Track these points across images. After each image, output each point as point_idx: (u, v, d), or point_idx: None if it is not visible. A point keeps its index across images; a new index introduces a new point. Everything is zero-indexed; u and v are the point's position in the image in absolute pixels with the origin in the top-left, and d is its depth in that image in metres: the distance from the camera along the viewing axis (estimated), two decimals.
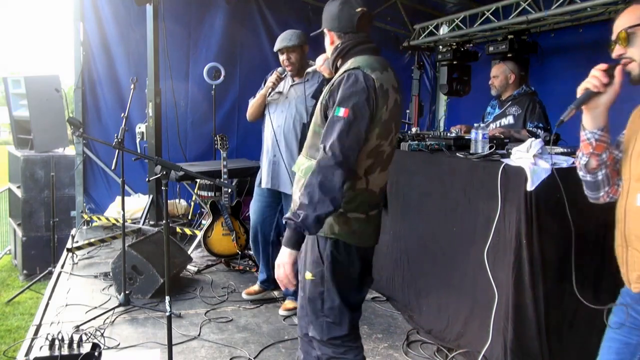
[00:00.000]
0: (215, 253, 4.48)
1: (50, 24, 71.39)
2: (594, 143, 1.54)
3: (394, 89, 1.90)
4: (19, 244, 6.03)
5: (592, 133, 1.54)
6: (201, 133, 6.07)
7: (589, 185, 1.64)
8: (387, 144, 1.92)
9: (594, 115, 1.53)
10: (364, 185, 1.89)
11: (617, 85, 1.49)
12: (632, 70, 1.48)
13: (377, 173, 1.91)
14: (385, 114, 1.86)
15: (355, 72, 1.83)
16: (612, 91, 1.49)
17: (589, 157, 1.57)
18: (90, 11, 5.76)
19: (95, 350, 2.45)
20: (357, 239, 1.93)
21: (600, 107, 1.52)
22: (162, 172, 2.36)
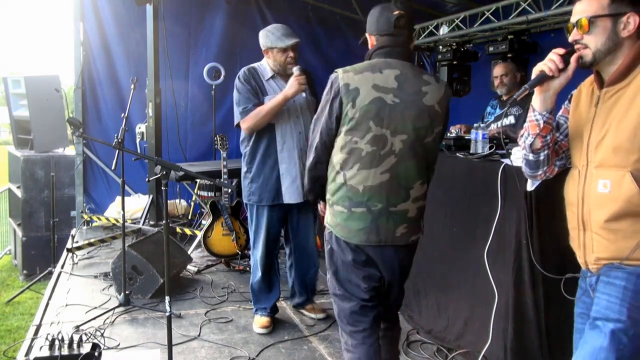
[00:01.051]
0: (215, 253, 4.48)
1: (50, 24, 71.45)
2: (541, 124, 1.62)
3: (376, 89, 1.93)
4: (19, 244, 6.03)
5: (541, 115, 1.62)
6: (201, 133, 6.08)
7: (530, 164, 1.72)
8: (365, 143, 1.95)
9: (544, 98, 1.60)
10: (342, 180, 2.01)
11: (570, 71, 1.56)
12: (585, 56, 1.55)
13: (356, 170, 1.97)
14: (352, 112, 1.94)
15: (332, 75, 2.00)
16: (565, 77, 1.56)
17: (535, 137, 1.64)
18: (90, 11, 5.76)
19: (95, 351, 2.45)
20: (341, 231, 2.04)
21: (551, 91, 1.59)
22: (162, 172, 2.36)
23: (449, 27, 5.67)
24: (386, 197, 1.99)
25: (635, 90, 1.46)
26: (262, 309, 3.29)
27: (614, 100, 1.51)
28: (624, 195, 1.46)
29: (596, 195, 1.53)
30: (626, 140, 1.46)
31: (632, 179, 1.45)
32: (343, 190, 2.01)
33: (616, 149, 1.48)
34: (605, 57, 1.52)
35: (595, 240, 1.55)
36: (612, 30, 1.50)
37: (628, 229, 1.48)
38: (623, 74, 1.50)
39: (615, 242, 1.50)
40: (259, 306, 3.30)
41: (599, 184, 1.52)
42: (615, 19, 1.49)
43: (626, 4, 1.49)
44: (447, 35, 5.71)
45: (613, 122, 1.49)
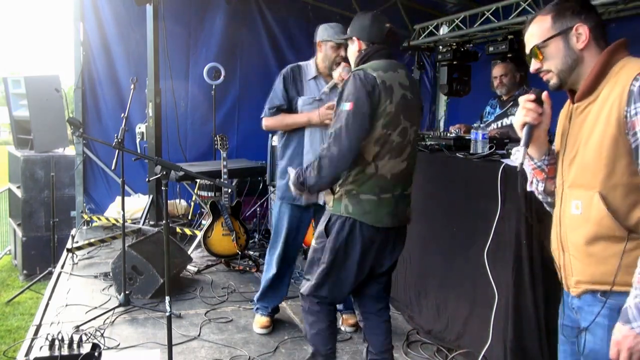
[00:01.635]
0: (215, 253, 4.48)
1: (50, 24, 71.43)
2: (545, 169, 1.59)
3: (401, 86, 2.18)
4: (19, 244, 6.03)
5: (541, 161, 1.59)
6: (201, 133, 6.08)
7: (549, 205, 1.66)
8: (396, 134, 2.17)
9: (538, 145, 1.57)
10: (373, 170, 2.18)
11: (548, 109, 1.52)
12: (551, 79, 1.50)
13: (387, 160, 2.18)
14: (390, 107, 2.14)
15: (359, 73, 2.13)
16: (547, 117, 1.53)
17: (544, 182, 1.60)
18: (90, 11, 5.76)
19: (95, 351, 2.45)
20: (369, 217, 2.20)
21: (541, 137, 1.56)
22: (162, 172, 2.36)
23: (449, 27, 5.68)
24: (403, 183, 2.27)
25: (601, 106, 1.39)
26: (263, 308, 3.28)
27: (584, 116, 1.45)
28: (594, 218, 1.39)
29: (570, 216, 1.47)
30: (592, 159, 1.40)
31: (601, 200, 1.37)
32: (373, 180, 2.18)
33: (584, 167, 1.43)
34: (570, 74, 1.47)
35: (573, 263, 1.49)
36: (566, 47, 1.46)
37: (601, 254, 1.40)
38: (590, 88, 1.44)
39: (590, 266, 1.43)
40: (262, 304, 3.29)
41: (572, 205, 1.46)
42: (565, 36, 1.45)
43: (570, 17, 1.45)
44: (447, 35, 5.72)
45: (582, 139, 1.44)
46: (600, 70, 1.41)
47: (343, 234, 2.22)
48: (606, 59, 1.42)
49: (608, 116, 1.36)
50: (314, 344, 2.38)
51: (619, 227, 1.36)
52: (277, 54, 6.40)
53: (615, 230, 1.36)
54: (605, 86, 1.40)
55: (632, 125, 1.31)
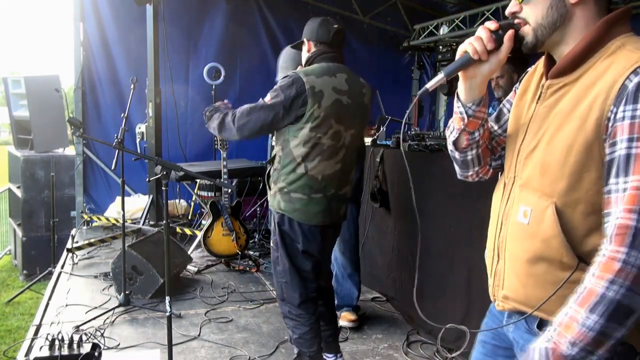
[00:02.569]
0: (215, 253, 4.48)
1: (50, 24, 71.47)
2: (466, 119, 1.25)
3: (335, 91, 2.27)
4: (19, 244, 6.03)
5: (466, 107, 1.24)
6: (201, 133, 6.07)
7: (457, 162, 1.38)
8: (327, 138, 2.28)
9: (470, 86, 1.22)
10: (303, 171, 2.29)
11: (503, 53, 1.16)
12: (526, 36, 1.14)
13: (318, 161, 2.29)
14: (318, 111, 2.24)
15: (292, 75, 2.26)
16: (496, 60, 1.17)
17: (460, 133, 1.29)
18: (90, 11, 5.76)
19: (95, 351, 2.45)
20: (299, 215, 2.33)
21: (479, 78, 1.20)
22: (162, 172, 2.36)
23: (449, 27, 5.69)
24: (337, 184, 2.38)
25: (581, 93, 1.06)
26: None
27: (556, 99, 1.12)
28: (543, 234, 1.10)
29: (514, 223, 1.18)
30: (556, 162, 1.09)
31: (555, 215, 1.08)
32: (303, 180, 2.31)
33: (544, 168, 1.12)
34: (550, 34, 1.11)
35: (506, 275, 1.22)
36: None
37: (540, 277, 1.13)
38: (573, 62, 1.09)
39: (526, 287, 1.17)
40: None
41: (519, 210, 1.16)
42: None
43: None
44: (447, 35, 5.72)
45: (548, 131, 1.12)
46: (591, 43, 1.07)
47: (284, 228, 2.38)
48: (602, 31, 1.07)
49: (587, 111, 1.04)
50: (298, 347, 2.49)
51: (568, 253, 1.08)
52: (277, 54, 6.37)
53: (563, 256, 1.08)
54: (593, 67, 1.06)
55: (614, 132, 1.00)
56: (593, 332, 0.96)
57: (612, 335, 0.96)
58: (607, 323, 0.95)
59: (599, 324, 0.95)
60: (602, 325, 0.95)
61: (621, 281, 0.94)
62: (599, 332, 0.95)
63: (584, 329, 0.96)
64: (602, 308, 0.95)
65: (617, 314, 0.95)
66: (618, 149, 0.99)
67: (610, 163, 1.01)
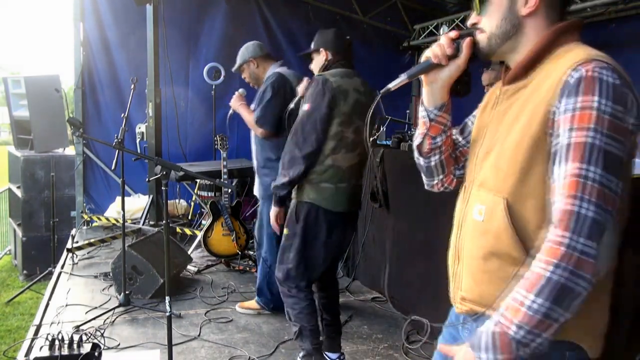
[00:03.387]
0: (215, 253, 4.48)
1: (50, 24, 71.49)
2: (428, 123, 1.33)
3: (355, 91, 2.50)
4: (19, 244, 6.03)
5: (428, 110, 1.32)
6: (201, 133, 6.08)
7: (422, 169, 1.43)
8: (350, 132, 2.48)
9: (432, 90, 1.30)
10: (331, 162, 2.47)
11: (462, 59, 1.26)
12: (480, 42, 1.23)
13: (343, 153, 2.48)
14: (345, 107, 2.45)
15: (319, 78, 2.48)
16: (455, 66, 1.27)
17: (423, 137, 1.35)
18: (90, 11, 5.77)
19: (95, 351, 2.45)
20: (327, 203, 2.50)
21: (439, 82, 1.29)
22: (162, 172, 2.36)
23: (449, 27, 5.68)
24: (357, 174, 2.58)
25: (530, 94, 1.13)
26: None
27: (510, 103, 1.19)
28: (494, 229, 1.14)
29: (471, 221, 1.22)
30: (508, 159, 1.14)
31: (506, 210, 1.12)
32: (331, 171, 2.48)
33: (497, 167, 1.17)
34: (503, 43, 1.19)
35: (464, 276, 1.26)
36: (509, 8, 1.17)
37: (493, 273, 1.15)
38: (525, 69, 1.16)
39: (480, 284, 1.19)
40: None
41: (475, 209, 1.20)
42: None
43: None
44: None
45: (502, 133, 1.18)
46: (541, 50, 1.15)
47: (309, 219, 2.50)
48: (550, 39, 1.14)
49: (535, 109, 1.10)
50: (299, 323, 2.57)
51: (517, 246, 1.10)
52: (277, 54, 6.38)
53: (513, 250, 1.11)
54: (542, 71, 1.14)
55: (557, 125, 1.05)
56: (539, 315, 0.99)
57: (557, 319, 0.99)
58: (552, 306, 0.98)
59: (544, 307, 0.98)
60: (548, 309, 0.98)
61: (564, 265, 0.98)
62: (544, 315, 0.99)
63: (530, 312, 0.99)
64: (547, 291, 0.98)
65: (561, 298, 0.98)
66: (560, 140, 1.04)
67: (554, 154, 1.06)
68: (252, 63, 3.50)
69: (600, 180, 0.98)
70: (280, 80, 3.31)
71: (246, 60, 3.51)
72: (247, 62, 3.51)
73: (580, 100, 1.02)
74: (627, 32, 4.66)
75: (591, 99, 1.01)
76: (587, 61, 1.05)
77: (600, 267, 0.99)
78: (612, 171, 0.99)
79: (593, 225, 0.97)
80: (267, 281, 3.42)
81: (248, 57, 3.51)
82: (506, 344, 1.01)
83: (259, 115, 3.29)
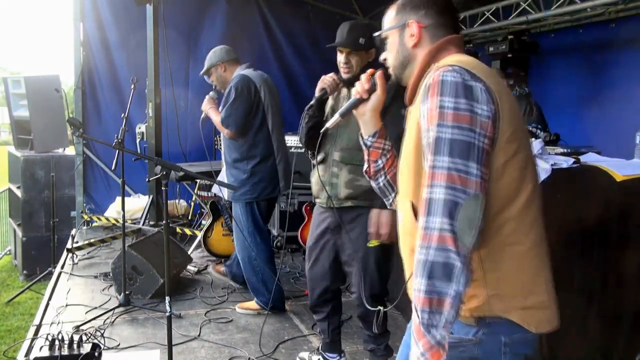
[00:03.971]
0: (215, 253, 4.48)
1: (50, 24, 71.50)
2: (367, 150, 1.52)
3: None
4: (19, 244, 6.03)
5: (365, 139, 1.51)
6: (201, 133, 6.06)
7: (377, 191, 1.60)
8: None
9: (364, 122, 1.50)
10: None
11: (380, 90, 1.46)
12: (390, 73, 1.45)
13: None
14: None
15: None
16: (376, 97, 1.47)
17: (368, 163, 1.54)
18: (90, 11, 5.76)
19: (95, 351, 2.45)
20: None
21: (367, 114, 1.48)
22: (162, 172, 2.36)
23: None
24: None
25: (414, 109, 1.29)
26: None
27: (409, 121, 1.35)
28: (408, 228, 1.29)
29: (400, 229, 1.39)
30: (406, 166, 1.31)
31: (411, 211, 1.27)
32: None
33: (402, 176, 1.35)
34: (402, 71, 1.40)
35: (407, 275, 1.38)
36: (400, 43, 1.39)
37: None
38: (414, 89, 1.36)
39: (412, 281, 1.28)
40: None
41: (399, 216, 1.37)
42: (402, 30, 1.38)
43: (408, 12, 1.38)
44: None
45: (404, 147, 1.35)
46: (420, 72, 1.33)
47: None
48: (428, 59, 1.33)
49: (413, 120, 1.27)
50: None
51: None
52: (277, 54, 6.41)
53: None
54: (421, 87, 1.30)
55: (422, 127, 1.21)
56: (424, 293, 1.10)
57: (444, 292, 1.09)
58: (432, 281, 1.09)
59: (424, 284, 1.10)
60: (428, 285, 1.10)
61: (426, 244, 1.11)
62: (427, 292, 1.10)
63: (419, 293, 1.11)
64: (421, 270, 1.11)
65: (435, 272, 1.09)
66: (424, 142, 1.20)
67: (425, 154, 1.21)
68: (219, 67, 3.54)
69: (448, 166, 1.12)
70: (243, 81, 3.34)
71: (213, 64, 3.55)
72: (214, 66, 3.55)
73: (429, 102, 1.17)
74: (627, 32, 4.66)
75: (435, 100, 1.16)
76: (438, 69, 1.21)
77: (466, 239, 1.10)
78: (460, 155, 1.12)
79: (445, 205, 1.10)
80: (260, 280, 3.43)
81: (215, 61, 3.55)
82: (418, 331, 1.11)
83: (223, 116, 3.35)
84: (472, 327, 1.25)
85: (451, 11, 1.40)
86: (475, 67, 1.20)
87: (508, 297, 1.22)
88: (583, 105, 4.98)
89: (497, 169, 1.17)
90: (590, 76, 4.99)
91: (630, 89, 4.54)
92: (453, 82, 1.15)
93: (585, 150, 2.82)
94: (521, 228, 1.22)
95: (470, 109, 1.14)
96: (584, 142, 3.73)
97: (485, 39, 5.87)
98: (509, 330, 1.23)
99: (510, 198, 1.20)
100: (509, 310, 1.22)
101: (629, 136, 2.94)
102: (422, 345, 1.10)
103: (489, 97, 1.16)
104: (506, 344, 1.24)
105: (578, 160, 2.52)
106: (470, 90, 1.15)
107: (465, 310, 1.22)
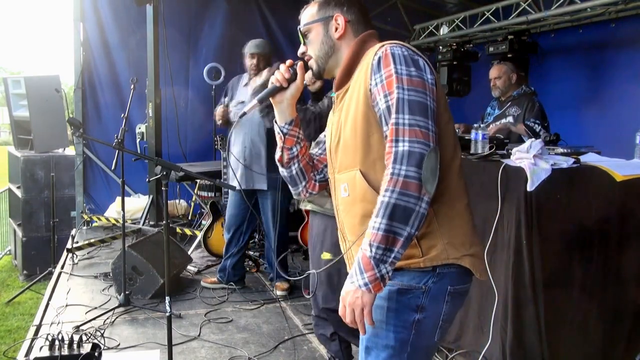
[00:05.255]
0: (215, 253, 4.48)
1: (50, 24, 71.52)
2: (283, 137, 1.60)
3: None
4: (19, 244, 6.03)
5: (281, 127, 1.59)
6: (201, 133, 6.07)
7: (287, 180, 1.68)
8: None
9: (281, 109, 1.58)
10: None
11: (299, 81, 1.55)
12: (312, 65, 1.55)
13: None
14: None
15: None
16: (294, 86, 1.55)
17: (282, 150, 1.61)
18: (91, 11, 5.76)
19: (95, 351, 2.45)
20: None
21: (285, 102, 1.56)
22: (162, 172, 2.36)
23: (449, 27, 5.69)
24: None
25: (353, 88, 1.43)
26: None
27: (343, 103, 1.48)
28: (359, 195, 1.39)
29: (342, 201, 1.48)
30: (350, 139, 1.42)
31: (362, 177, 1.38)
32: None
33: (346, 150, 1.45)
34: (327, 61, 1.52)
35: (353, 250, 1.45)
36: (325, 35, 1.51)
37: None
38: (346, 75, 1.47)
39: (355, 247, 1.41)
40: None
41: (341, 189, 1.47)
42: (326, 24, 1.51)
43: (332, 7, 1.51)
44: (447, 35, 5.72)
45: (342, 124, 1.46)
46: (353, 58, 1.47)
47: None
48: (357, 48, 1.47)
49: (358, 95, 1.40)
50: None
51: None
52: (277, 54, 6.38)
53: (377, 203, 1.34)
54: (357, 70, 1.45)
55: (374, 97, 1.35)
56: (382, 231, 1.23)
57: (399, 233, 1.24)
58: (391, 222, 1.23)
59: (384, 224, 1.23)
60: (387, 225, 1.23)
61: (392, 188, 1.24)
62: (386, 230, 1.23)
63: (375, 231, 1.24)
64: (383, 211, 1.24)
65: (396, 214, 1.23)
66: (380, 106, 1.33)
67: (380, 118, 1.34)
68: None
69: (409, 122, 1.28)
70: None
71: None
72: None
73: (384, 71, 1.33)
74: (627, 32, 4.66)
75: (390, 68, 1.32)
76: (382, 46, 1.38)
77: (429, 186, 1.25)
78: (419, 114, 1.29)
79: (410, 156, 1.25)
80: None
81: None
82: (367, 263, 1.24)
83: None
84: (424, 276, 1.38)
85: (366, 10, 1.56)
86: (412, 47, 1.40)
87: (458, 245, 1.38)
88: (583, 105, 4.98)
89: (441, 130, 1.35)
90: (590, 76, 4.99)
91: (630, 89, 4.54)
92: (401, 54, 1.34)
93: (585, 150, 2.81)
94: (461, 186, 1.46)
95: (421, 76, 1.33)
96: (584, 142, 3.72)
97: (485, 39, 5.86)
98: (455, 280, 1.40)
99: (452, 158, 1.42)
100: (461, 258, 1.38)
101: (629, 136, 2.93)
102: (369, 277, 1.24)
103: (430, 69, 1.36)
104: (450, 292, 1.40)
105: (578, 160, 2.52)
106: (417, 62, 1.35)
107: (425, 261, 1.37)
